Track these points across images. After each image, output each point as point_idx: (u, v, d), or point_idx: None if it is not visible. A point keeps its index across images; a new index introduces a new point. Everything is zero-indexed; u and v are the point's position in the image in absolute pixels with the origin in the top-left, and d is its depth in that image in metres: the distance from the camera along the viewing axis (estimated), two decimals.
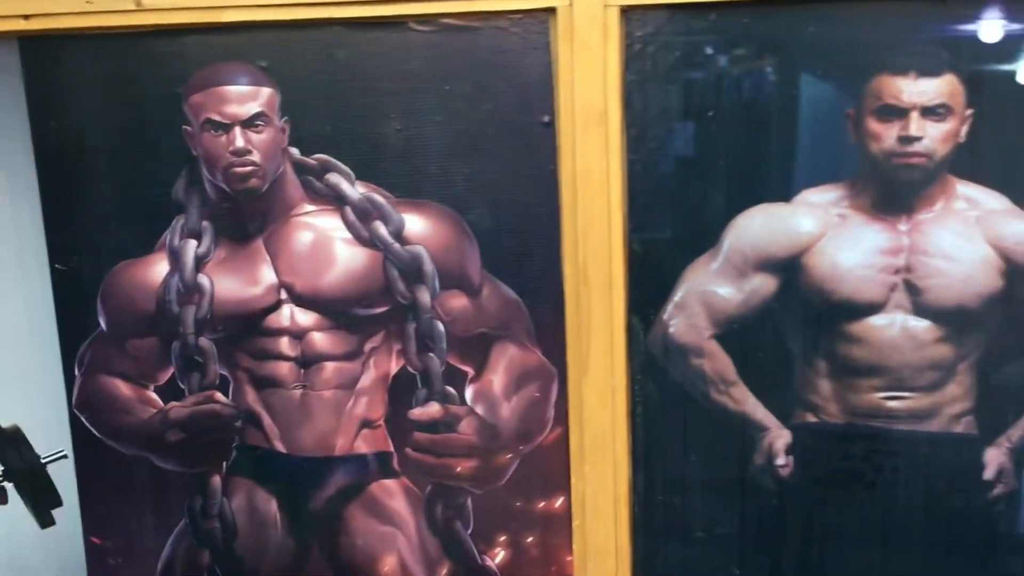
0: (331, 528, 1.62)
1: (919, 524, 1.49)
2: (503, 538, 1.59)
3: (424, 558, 1.61)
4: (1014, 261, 1.39)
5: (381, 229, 1.51)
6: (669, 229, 1.46)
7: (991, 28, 1.33)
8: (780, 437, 1.49)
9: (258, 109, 1.48)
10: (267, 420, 1.59)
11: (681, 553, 1.56)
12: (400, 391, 1.56)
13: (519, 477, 1.56)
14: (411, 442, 1.57)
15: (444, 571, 1.61)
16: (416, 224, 1.50)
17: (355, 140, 1.49)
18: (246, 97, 1.48)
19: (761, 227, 1.44)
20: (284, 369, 1.57)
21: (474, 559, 1.60)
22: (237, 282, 1.55)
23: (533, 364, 1.52)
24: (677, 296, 1.48)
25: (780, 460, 1.50)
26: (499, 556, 1.60)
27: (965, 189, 1.39)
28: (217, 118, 1.48)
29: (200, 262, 1.55)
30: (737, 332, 1.48)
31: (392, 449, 1.58)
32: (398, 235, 1.50)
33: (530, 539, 1.58)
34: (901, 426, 1.46)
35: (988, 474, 1.46)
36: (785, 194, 1.42)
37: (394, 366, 1.56)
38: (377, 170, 1.50)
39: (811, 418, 1.48)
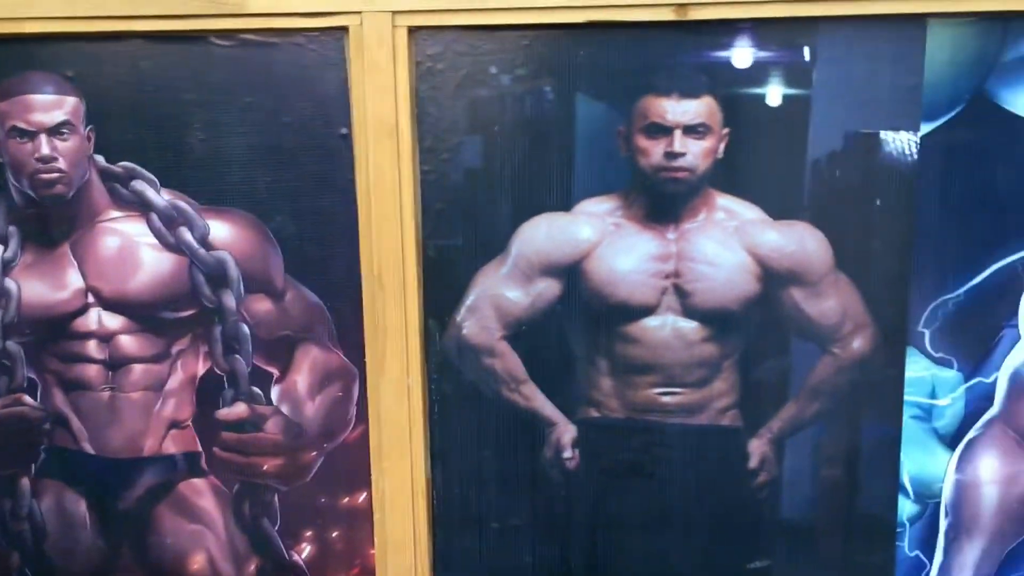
0: (140, 528, 1.65)
1: (693, 511, 1.60)
2: (309, 533, 1.65)
3: (233, 555, 1.66)
4: (768, 267, 1.53)
5: (186, 235, 1.56)
6: (461, 236, 1.56)
7: (743, 55, 1.47)
8: (567, 432, 1.59)
9: (63, 117, 1.52)
10: (75, 422, 1.62)
11: (477, 544, 1.64)
12: (207, 392, 1.61)
13: (324, 474, 1.63)
14: (219, 442, 1.62)
15: (252, 567, 1.66)
16: (221, 230, 1.56)
17: (160, 148, 1.54)
18: (51, 105, 1.52)
19: (544, 234, 1.54)
20: (92, 372, 1.60)
21: (281, 554, 1.65)
22: (44, 286, 1.58)
23: (335, 365, 1.59)
24: (469, 300, 1.57)
25: (567, 453, 1.60)
26: (306, 551, 1.66)
27: (724, 201, 1.52)
28: (22, 126, 1.52)
29: (6, 267, 1.58)
30: (526, 333, 1.58)
31: (200, 449, 1.63)
32: (203, 241, 1.56)
33: (335, 534, 1.65)
34: (674, 420, 1.58)
35: (752, 463, 1.58)
36: (565, 204, 1.53)
37: (201, 368, 1.61)
38: (182, 178, 1.55)
39: (594, 413, 1.59)
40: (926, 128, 1.47)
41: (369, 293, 1.54)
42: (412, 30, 1.47)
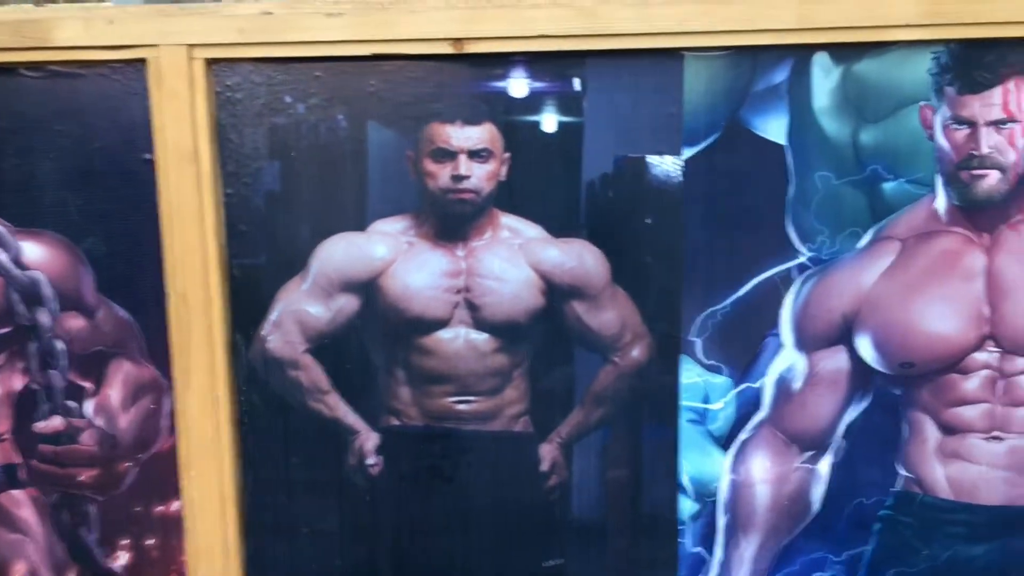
0: None
1: (491, 513, 1.70)
2: (126, 542, 1.72)
3: (52, 564, 1.72)
4: (552, 282, 1.64)
5: (1, 255, 1.63)
6: (264, 255, 1.65)
7: (519, 86, 1.59)
8: (369, 439, 1.68)
9: None
10: None
11: (287, 549, 1.72)
12: (25, 406, 1.68)
13: (138, 484, 1.70)
14: (36, 454, 1.69)
15: (72, 575, 1.72)
16: (35, 251, 1.64)
17: None
18: None
19: (342, 253, 1.64)
20: None
21: (99, 563, 1.72)
22: None
23: (147, 378, 1.67)
24: (273, 315, 1.66)
25: (370, 460, 1.69)
26: (122, 559, 1.72)
27: (508, 220, 1.63)
28: None
29: None
30: (328, 346, 1.67)
31: (19, 461, 1.69)
32: (17, 261, 1.63)
33: (151, 541, 1.72)
34: (470, 427, 1.67)
35: (544, 467, 1.68)
36: (360, 224, 1.63)
37: (19, 383, 1.67)
38: None
39: (395, 421, 1.68)
40: (688, 152, 1.59)
41: (174, 311, 1.62)
42: (210, 62, 1.57)
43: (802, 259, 1.61)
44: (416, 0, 1.55)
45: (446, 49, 1.55)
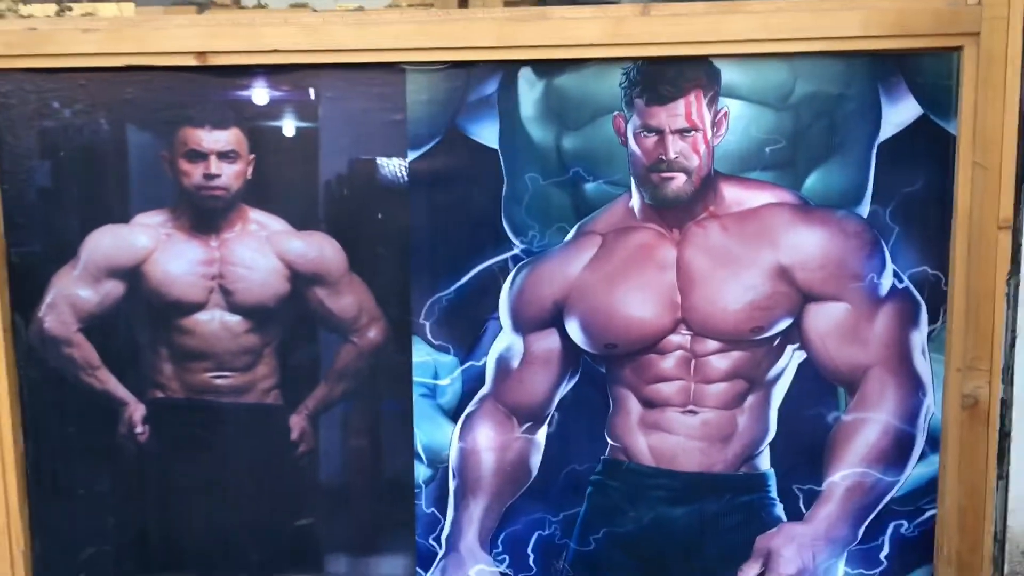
0: None
1: (248, 479, 1.89)
2: None
3: None
4: (296, 270, 1.83)
5: None
6: (39, 244, 1.83)
7: (260, 94, 1.78)
8: (137, 410, 1.88)
9: None
10: None
11: (69, 509, 1.91)
12: None
13: None
14: None
15: None
16: None
17: None
18: None
19: (108, 243, 1.83)
20: None
21: None
22: None
23: None
24: (48, 298, 1.85)
25: (138, 429, 1.88)
26: None
27: (256, 215, 1.82)
28: None
29: None
30: (99, 326, 1.86)
31: None
32: None
33: None
34: (227, 399, 1.87)
35: (293, 436, 1.88)
36: (124, 217, 1.82)
37: None
38: None
39: (160, 394, 1.87)
40: (413, 155, 1.78)
41: None
42: None
43: (516, 251, 1.80)
44: (165, 18, 1.74)
45: (192, 61, 1.73)
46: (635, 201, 1.78)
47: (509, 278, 1.81)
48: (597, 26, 1.70)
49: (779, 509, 1.84)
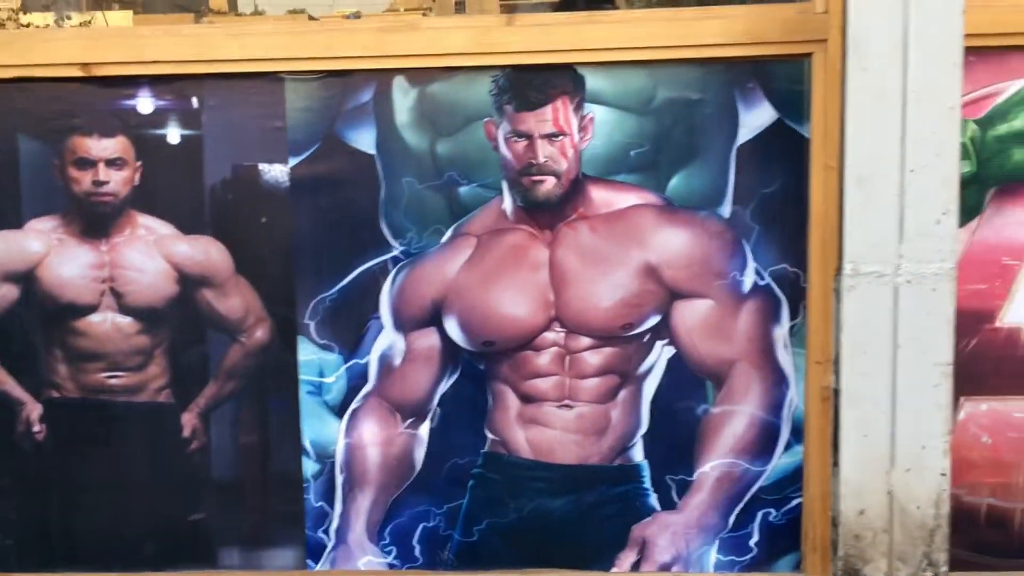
0: None
1: (143, 475, 1.95)
2: None
3: None
4: (184, 272, 1.90)
5: None
6: None
7: (145, 103, 1.85)
8: (34, 410, 1.94)
9: None
10: None
11: None
12: None
13: None
14: None
15: None
16: None
17: None
18: None
19: (2, 248, 1.89)
20: None
21: None
22: None
23: None
24: None
25: (36, 428, 1.94)
26: None
27: (144, 220, 1.89)
28: None
29: None
30: None
31: None
32: None
33: None
34: (121, 398, 1.93)
35: (185, 433, 1.94)
36: (17, 223, 1.89)
37: None
38: None
39: (56, 394, 1.94)
40: (294, 161, 1.85)
41: None
42: None
43: (395, 252, 1.87)
44: (50, 30, 1.80)
45: (77, 72, 1.80)
46: (507, 203, 1.85)
47: (389, 279, 1.88)
48: (464, 36, 1.77)
49: (653, 499, 1.91)
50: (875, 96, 1.49)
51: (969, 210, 1.78)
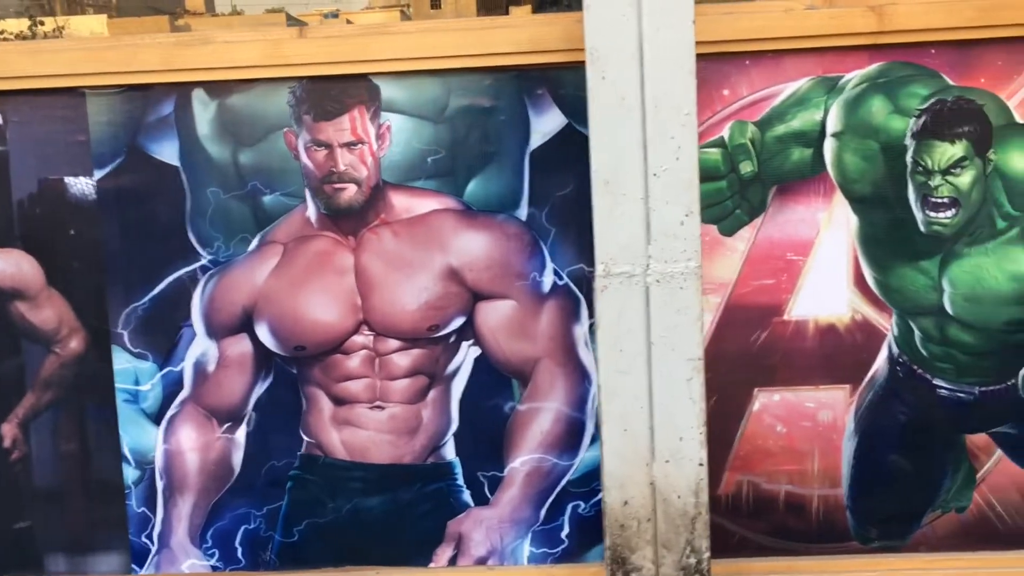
0: None
1: None
2: None
3: None
4: None
5: None
6: None
7: None
8: None
9: None
10: None
11: None
12: None
13: None
14: None
15: None
16: None
17: None
18: None
19: None
20: None
21: None
22: None
23: None
24: None
25: None
26: None
27: None
28: None
29: None
30: None
31: None
32: None
33: None
34: None
35: (6, 444, 1.97)
36: None
37: None
38: None
39: None
40: (99, 174, 1.88)
41: None
42: None
43: (204, 261, 1.91)
44: None
45: None
46: (311, 211, 1.89)
47: (199, 287, 1.92)
48: (256, 49, 1.81)
49: (467, 495, 1.97)
50: (615, 104, 1.55)
51: (753, 209, 1.85)
